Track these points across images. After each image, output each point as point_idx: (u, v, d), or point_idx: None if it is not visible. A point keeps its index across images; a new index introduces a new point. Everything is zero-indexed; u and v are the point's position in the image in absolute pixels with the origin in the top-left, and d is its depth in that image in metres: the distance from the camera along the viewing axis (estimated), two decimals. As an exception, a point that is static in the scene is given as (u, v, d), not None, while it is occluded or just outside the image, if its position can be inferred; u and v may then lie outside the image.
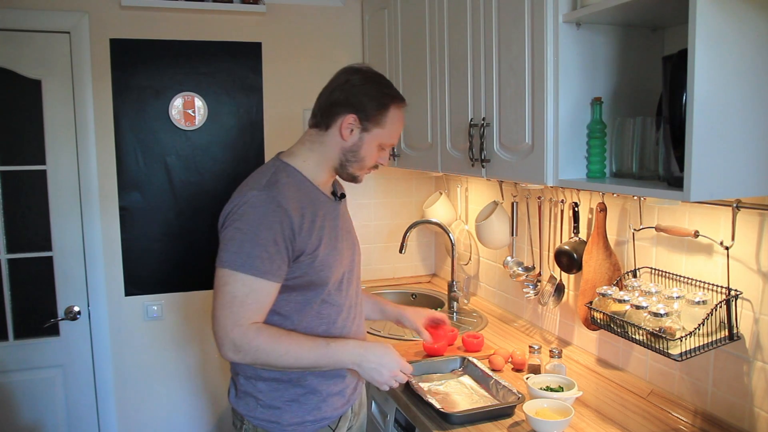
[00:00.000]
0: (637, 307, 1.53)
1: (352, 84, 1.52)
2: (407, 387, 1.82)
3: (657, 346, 1.47)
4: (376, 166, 1.61)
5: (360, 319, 1.69)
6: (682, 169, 1.20)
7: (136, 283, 2.73)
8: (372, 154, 1.55)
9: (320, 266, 1.50)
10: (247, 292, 1.41)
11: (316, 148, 1.56)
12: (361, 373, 1.51)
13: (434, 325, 1.89)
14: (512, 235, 2.38)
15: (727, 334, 1.47)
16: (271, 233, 1.41)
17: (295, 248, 1.45)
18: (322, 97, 1.56)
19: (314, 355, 1.46)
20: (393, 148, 2.61)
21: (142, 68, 2.65)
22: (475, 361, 1.92)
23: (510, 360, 2.03)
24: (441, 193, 2.93)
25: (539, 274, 2.27)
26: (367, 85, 1.52)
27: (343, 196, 1.67)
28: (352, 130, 1.51)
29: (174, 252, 2.75)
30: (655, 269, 1.73)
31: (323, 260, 1.51)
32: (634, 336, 1.54)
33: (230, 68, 2.77)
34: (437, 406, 1.64)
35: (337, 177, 1.63)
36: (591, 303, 1.70)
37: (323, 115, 1.54)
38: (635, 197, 1.76)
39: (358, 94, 1.51)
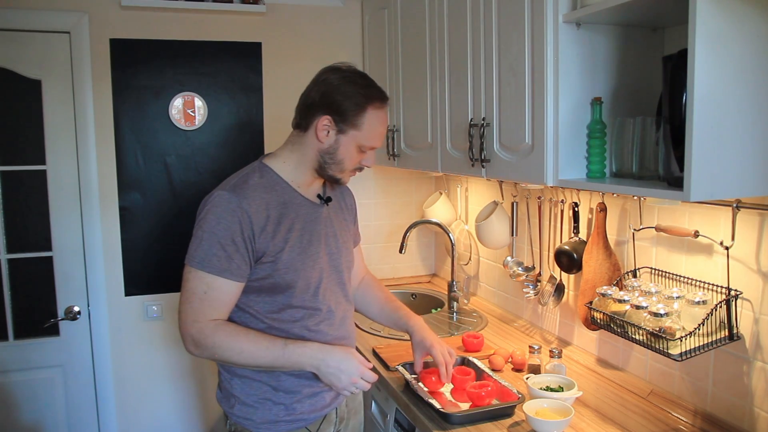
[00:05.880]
0: (637, 307, 1.53)
1: (328, 83, 1.48)
2: (407, 387, 1.82)
3: (657, 346, 1.47)
4: (360, 168, 1.57)
5: (345, 325, 1.64)
6: (682, 169, 1.20)
7: (136, 283, 2.73)
8: (351, 156, 1.51)
9: (284, 269, 1.49)
10: (205, 289, 1.43)
11: (296, 150, 1.54)
12: (321, 376, 1.50)
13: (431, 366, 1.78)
14: (512, 235, 2.38)
15: (727, 334, 1.47)
16: (229, 232, 1.42)
17: (256, 249, 1.45)
18: (301, 97, 1.54)
19: (271, 355, 1.45)
20: (392, 149, 2.62)
21: (142, 68, 2.65)
22: (475, 360, 1.91)
23: (510, 360, 2.03)
24: (441, 193, 2.93)
25: (539, 274, 2.27)
26: (344, 85, 1.47)
27: (329, 200, 1.63)
28: (328, 132, 1.48)
29: (174, 252, 2.74)
30: (655, 269, 1.73)
31: (288, 263, 1.49)
32: (634, 336, 1.54)
33: (230, 68, 2.77)
34: (437, 406, 1.64)
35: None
36: (591, 303, 1.70)
37: (301, 116, 1.52)
38: (635, 197, 1.76)
39: (333, 94, 1.46)
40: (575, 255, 1.97)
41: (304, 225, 1.54)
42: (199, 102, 2.73)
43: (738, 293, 1.48)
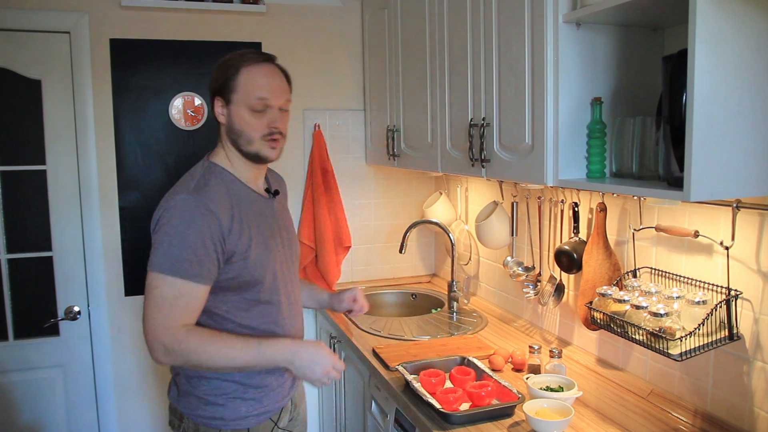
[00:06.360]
0: (637, 307, 1.53)
1: (212, 71, 1.56)
2: (407, 387, 1.82)
3: (657, 346, 1.47)
4: (275, 136, 1.52)
5: (299, 316, 1.71)
6: (682, 169, 1.20)
7: (136, 282, 2.73)
8: (247, 121, 1.50)
9: (253, 266, 1.51)
10: (176, 294, 1.41)
11: (223, 144, 1.58)
12: (294, 371, 1.52)
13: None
14: (512, 235, 2.38)
15: (727, 334, 1.47)
16: (200, 237, 1.42)
17: (226, 250, 1.46)
18: None
19: (246, 355, 1.46)
20: (392, 149, 2.62)
21: (142, 68, 2.65)
22: (475, 360, 1.91)
23: (510, 360, 2.02)
24: (441, 193, 2.93)
25: (539, 274, 2.27)
26: (220, 64, 1.54)
27: (276, 193, 1.67)
28: (222, 112, 1.54)
29: (174, 252, 2.74)
30: (655, 269, 1.73)
31: (256, 260, 1.51)
32: (634, 336, 1.54)
33: (230, 68, 2.77)
34: (437, 406, 1.64)
35: (267, 168, 1.67)
36: (591, 303, 1.70)
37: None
38: (635, 197, 1.76)
39: (213, 77, 1.54)
40: (575, 255, 1.97)
41: (261, 220, 1.57)
42: (199, 102, 2.73)
43: (738, 293, 1.48)
